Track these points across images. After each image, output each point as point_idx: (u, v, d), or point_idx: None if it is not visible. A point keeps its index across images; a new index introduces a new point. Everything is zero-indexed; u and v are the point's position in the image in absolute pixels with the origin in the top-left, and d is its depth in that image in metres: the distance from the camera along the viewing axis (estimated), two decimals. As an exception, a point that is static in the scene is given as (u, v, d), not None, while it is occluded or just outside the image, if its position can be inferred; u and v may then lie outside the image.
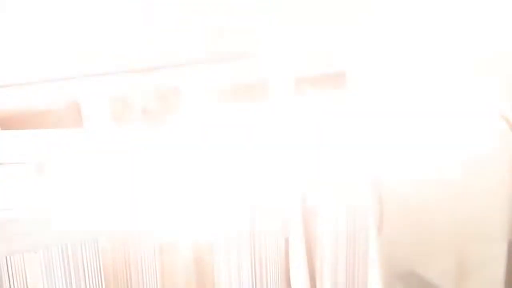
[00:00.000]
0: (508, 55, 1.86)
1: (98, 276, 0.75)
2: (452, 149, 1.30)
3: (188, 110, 1.45)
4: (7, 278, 0.71)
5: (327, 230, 1.03)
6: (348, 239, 1.01)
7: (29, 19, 1.42)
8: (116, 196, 0.73)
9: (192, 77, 1.46)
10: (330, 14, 1.75)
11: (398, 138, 1.00)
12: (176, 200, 0.77)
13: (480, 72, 1.29)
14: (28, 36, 1.42)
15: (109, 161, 0.77)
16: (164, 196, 0.76)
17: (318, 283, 1.09)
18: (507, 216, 2.18)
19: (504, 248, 2.19)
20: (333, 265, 1.04)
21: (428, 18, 1.92)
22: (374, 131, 0.93)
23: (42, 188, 0.77)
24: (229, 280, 0.87)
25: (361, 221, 1.02)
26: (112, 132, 1.16)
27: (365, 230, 1.03)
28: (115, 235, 0.82)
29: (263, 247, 0.85)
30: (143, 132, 1.03)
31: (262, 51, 1.64)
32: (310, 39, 1.71)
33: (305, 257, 1.55)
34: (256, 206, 0.84)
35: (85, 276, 0.74)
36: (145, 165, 0.78)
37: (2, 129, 1.25)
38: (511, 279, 2.17)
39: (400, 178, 1.87)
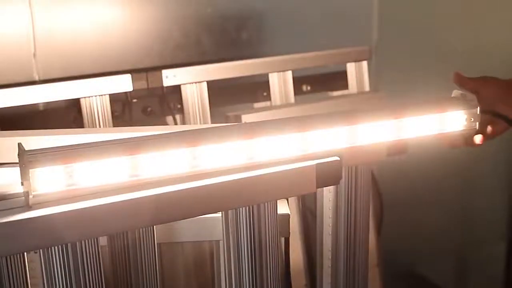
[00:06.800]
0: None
1: (98, 276, 0.75)
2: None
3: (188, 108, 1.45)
4: (7, 278, 0.71)
5: (327, 230, 1.03)
6: (348, 239, 1.01)
7: (28, 19, 1.42)
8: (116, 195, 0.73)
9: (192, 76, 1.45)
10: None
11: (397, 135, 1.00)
12: (176, 200, 0.77)
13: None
14: (28, 35, 1.42)
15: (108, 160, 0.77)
16: (164, 195, 0.76)
17: (318, 283, 1.09)
18: (507, 216, 2.18)
19: (504, 248, 2.19)
20: (333, 265, 1.04)
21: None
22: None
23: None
24: (229, 280, 0.87)
25: (361, 221, 1.02)
26: (112, 132, 1.16)
27: (365, 230, 1.04)
28: (115, 235, 0.82)
29: (263, 247, 0.85)
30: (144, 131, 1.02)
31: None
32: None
33: (305, 256, 1.56)
34: (256, 205, 0.84)
35: (85, 276, 0.74)
36: (145, 163, 0.78)
37: (2, 129, 1.25)
38: (510, 279, 2.17)
39: (399, 177, 1.87)
